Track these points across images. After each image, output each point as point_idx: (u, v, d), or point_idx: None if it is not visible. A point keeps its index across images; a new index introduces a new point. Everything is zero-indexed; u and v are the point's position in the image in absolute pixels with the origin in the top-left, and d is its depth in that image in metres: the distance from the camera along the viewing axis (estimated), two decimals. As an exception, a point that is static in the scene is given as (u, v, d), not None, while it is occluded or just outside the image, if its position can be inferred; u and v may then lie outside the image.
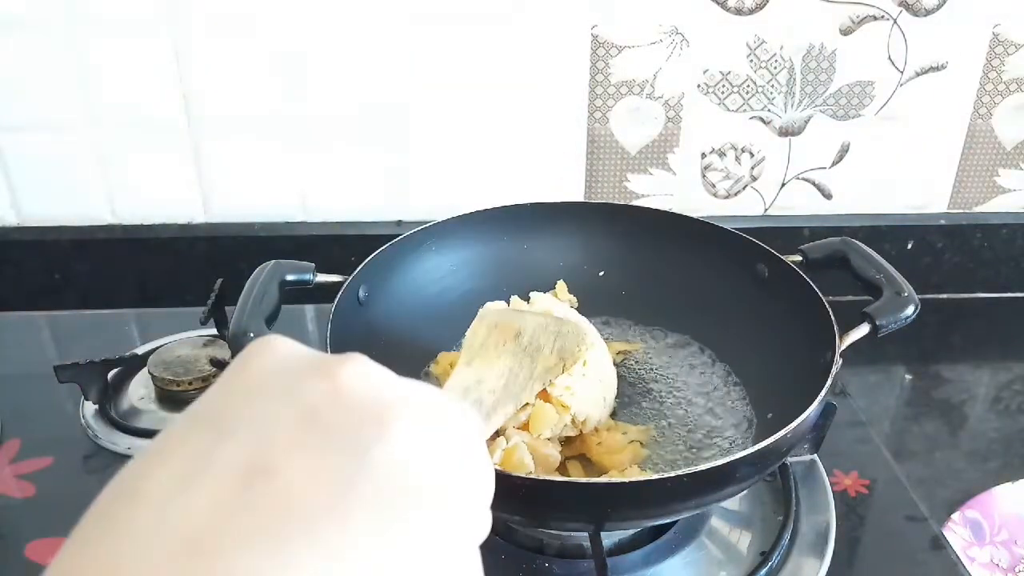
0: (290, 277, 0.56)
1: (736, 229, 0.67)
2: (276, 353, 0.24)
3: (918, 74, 0.83)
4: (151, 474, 0.21)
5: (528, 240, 0.72)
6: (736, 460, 0.46)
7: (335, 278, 0.59)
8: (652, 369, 0.69)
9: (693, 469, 0.45)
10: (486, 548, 0.23)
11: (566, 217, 0.72)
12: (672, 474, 0.45)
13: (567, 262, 0.72)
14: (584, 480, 0.54)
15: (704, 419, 0.63)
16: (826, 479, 0.63)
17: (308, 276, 0.57)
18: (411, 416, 0.23)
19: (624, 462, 0.57)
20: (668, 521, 0.57)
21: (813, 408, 0.49)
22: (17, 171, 0.83)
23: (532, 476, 0.50)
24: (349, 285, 0.59)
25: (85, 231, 0.85)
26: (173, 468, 0.20)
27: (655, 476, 0.46)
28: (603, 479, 0.54)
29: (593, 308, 0.70)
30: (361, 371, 0.23)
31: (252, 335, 0.48)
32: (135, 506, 0.20)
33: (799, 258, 0.65)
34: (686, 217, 0.70)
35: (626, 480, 0.48)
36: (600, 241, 0.72)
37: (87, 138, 0.81)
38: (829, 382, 0.51)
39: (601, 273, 0.73)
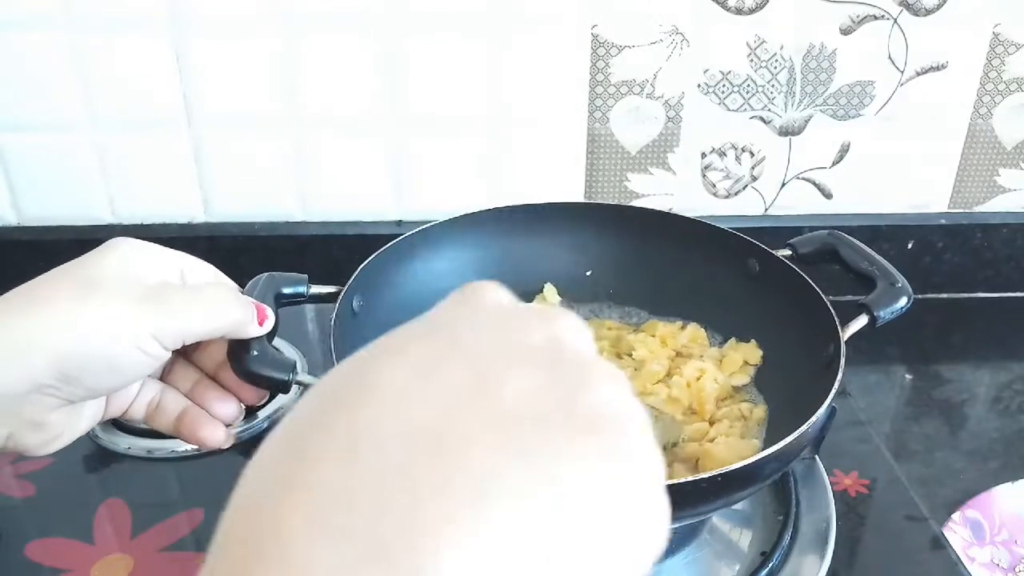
0: (285, 290, 0.54)
1: (736, 229, 0.67)
2: (494, 295, 0.27)
3: (918, 74, 0.83)
4: (383, 369, 0.22)
5: (521, 241, 0.71)
6: (758, 461, 0.45)
7: (329, 289, 0.58)
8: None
9: (721, 471, 0.44)
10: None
11: (559, 218, 0.72)
12: (689, 479, 0.44)
13: (561, 263, 0.72)
14: None
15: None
16: (826, 479, 0.63)
17: (302, 289, 0.55)
18: (614, 376, 0.24)
19: None
20: (674, 526, 0.57)
21: (828, 402, 0.49)
22: (17, 171, 0.83)
23: None
24: (345, 296, 0.58)
25: (85, 231, 0.85)
26: (408, 365, 0.22)
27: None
28: None
29: (587, 308, 0.71)
30: (575, 325, 0.26)
31: (256, 352, 0.47)
32: (368, 396, 0.21)
33: (788, 252, 0.64)
34: (679, 216, 0.70)
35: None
36: (590, 241, 0.72)
37: (87, 138, 0.81)
38: (840, 374, 0.50)
39: (588, 272, 0.72)
